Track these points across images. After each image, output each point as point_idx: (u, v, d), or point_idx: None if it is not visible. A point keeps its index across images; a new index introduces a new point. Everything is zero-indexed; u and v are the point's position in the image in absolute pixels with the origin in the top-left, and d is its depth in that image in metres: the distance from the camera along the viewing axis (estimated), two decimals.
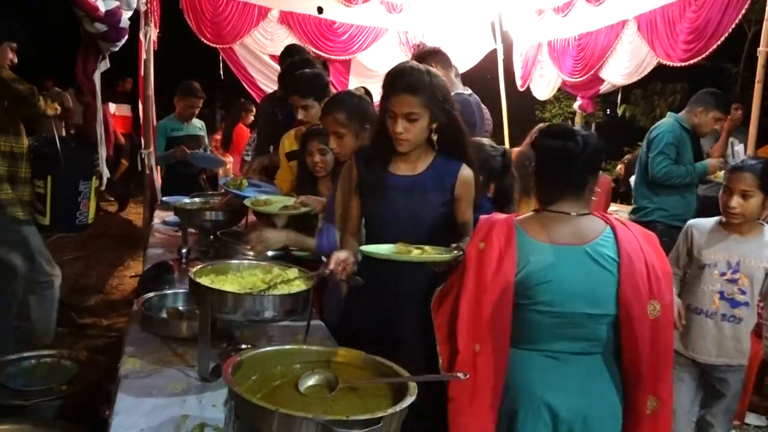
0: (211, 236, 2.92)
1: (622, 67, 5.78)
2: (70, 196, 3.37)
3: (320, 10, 6.32)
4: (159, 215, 3.96)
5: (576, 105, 7.43)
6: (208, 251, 2.88)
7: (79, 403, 2.22)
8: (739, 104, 4.94)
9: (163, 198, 4.45)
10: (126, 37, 3.57)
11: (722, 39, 4.45)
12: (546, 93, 7.21)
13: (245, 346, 1.88)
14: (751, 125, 4.03)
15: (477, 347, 1.62)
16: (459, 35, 6.67)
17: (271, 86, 5.97)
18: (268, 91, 5.85)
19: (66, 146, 3.33)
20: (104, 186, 3.67)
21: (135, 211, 7.70)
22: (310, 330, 1.81)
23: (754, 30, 6.69)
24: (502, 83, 7.12)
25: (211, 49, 6.25)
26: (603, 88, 6.39)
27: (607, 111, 10.59)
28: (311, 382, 1.30)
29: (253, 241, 2.22)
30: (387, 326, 2.03)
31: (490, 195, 2.34)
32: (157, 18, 5.26)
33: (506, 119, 7.07)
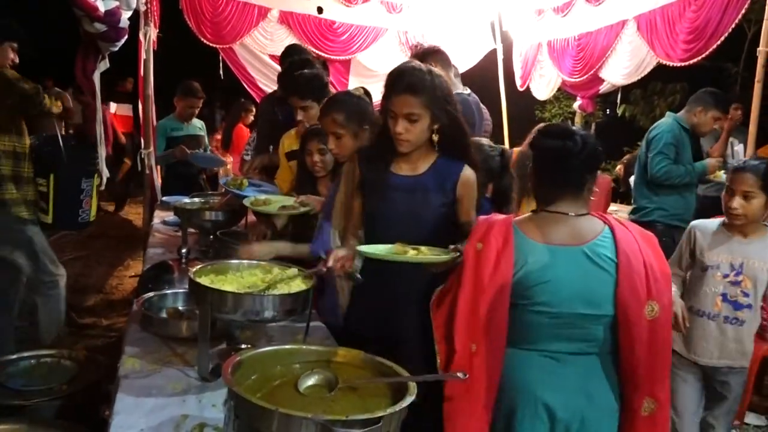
0: (211, 236, 2.92)
1: (622, 67, 5.78)
2: (72, 194, 3.38)
3: (320, 10, 6.32)
4: (159, 215, 3.96)
5: (576, 105, 7.44)
6: (208, 251, 2.88)
7: (79, 403, 2.22)
8: (739, 104, 4.94)
9: (163, 198, 4.45)
10: (125, 37, 3.57)
11: (722, 39, 4.45)
12: (546, 93, 7.21)
13: (245, 345, 1.88)
14: (751, 125, 4.04)
15: (473, 347, 1.62)
16: (459, 35, 6.67)
17: (270, 86, 5.97)
18: (267, 91, 5.85)
19: (68, 144, 3.34)
20: (104, 186, 3.67)
21: (135, 211, 7.70)
22: (309, 330, 1.81)
23: (754, 30, 6.70)
24: (501, 83, 7.12)
25: (211, 49, 6.26)
26: (603, 88, 6.39)
27: (607, 111, 10.58)
28: (311, 381, 1.30)
29: (243, 254, 2.20)
30: (387, 326, 2.03)
31: (489, 195, 2.34)
32: (157, 18, 5.26)
33: (506, 119, 7.08)
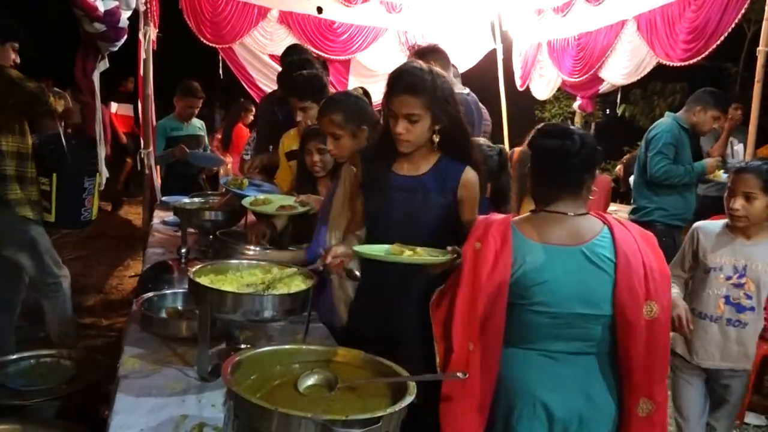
0: (211, 236, 2.91)
1: (622, 66, 5.78)
2: (75, 192, 3.39)
3: (320, 10, 6.32)
4: (158, 215, 3.96)
5: (575, 105, 7.44)
6: (207, 251, 2.88)
7: (79, 403, 2.22)
8: (739, 104, 4.95)
9: (163, 198, 4.45)
10: (125, 37, 3.56)
11: (722, 39, 4.45)
12: (545, 93, 7.21)
13: (244, 345, 1.88)
14: (751, 125, 4.04)
15: (471, 346, 1.62)
16: (458, 35, 6.67)
17: (270, 86, 5.97)
18: (267, 90, 5.85)
19: (70, 143, 3.34)
20: (103, 186, 3.68)
21: (134, 211, 7.70)
22: (309, 329, 1.81)
23: (754, 29, 6.70)
24: (501, 83, 7.12)
25: (211, 48, 6.25)
26: (602, 88, 6.39)
27: (607, 111, 10.58)
28: (310, 381, 1.30)
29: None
30: (387, 326, 2.03)
31: (487, 195, 2.33)
32: (157, 18, 5.26)
33: (506, 119, 7.08)
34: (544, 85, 7.00)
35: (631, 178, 4.49)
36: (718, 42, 4.48)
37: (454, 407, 1.63)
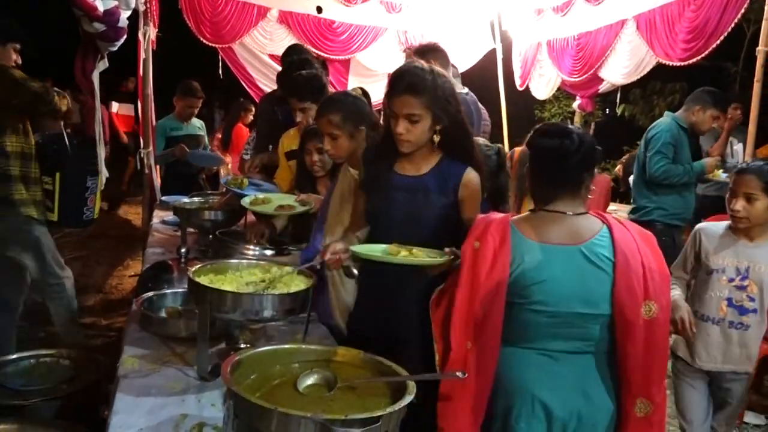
0: (210, 236, 2.92)
1: (622, 66, 5.78)
2: (78, 192, 3.40)
3: (319, 9, 6.32)
4: (158, 215, 3.96)
5: (575, 104, 7.44)
6: (207, 251, 2.88)
7: (78, 403, 2.22)
8: (739, 104, 4.95)
9: (163, 197, 4.45)
10: (125, 36, 3.56)
11: (721, 38, 4.46)
12: (545, 92, 7.21)
13: (244, 345, 1.88)
14: (750, 124, 4.04)
15: (469, 345, 1.62)
16: (458, 35, 6.67)
17: (270, 86, 5.97)
18: (267, 90, 5.85)
19: (73, 143, 3.35)
20: (103, 186, 3.68)
21: (134, 211, 7.70)
22: (309, 329, 1.81)
23: (753, 29, 6.70)
24: (501, 83, 7.13)
25: (210, 48, 6.26)
26: (602, 88, 6.40)
27: (607, 110, 10.59)
28: (310, 381, 1.30)
29: None
30: (387, 326, 2.03)
31: (485, 194, 2.33)
32: (156, 17, 5.26)
33: (505, 119, 7.08)
34: (543, 84, 7.00)
35: (631, 178, 4.50)
36: (718, 42, 4.48)
37: (451, 406, 1.63)
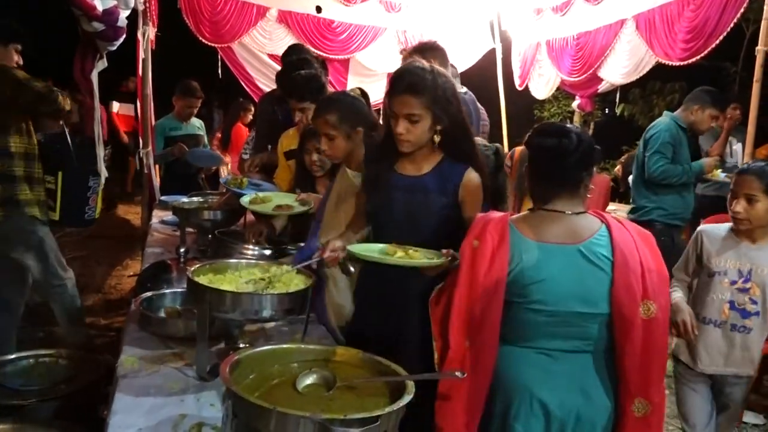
0: (210, 235, 2.91)
1: (621, 66, 5.79)
2: (80, 191, 3.40)
3: (319, 9, 6.33)
4: (157, 215, 3.96)
5: (575, 104, 7.44)
6: (206, 250, 2.88)
7: (77, 403, 2.22)
8: (738, 103, 4.95)
9: (162, 197, 4.44)
10: (124, 36, 3.56)
11: (720, 38, 4.46)
12: (545, 92, 7.22)
13: (243, 345, 1.88)
14: (750, 124, 4.05)
15: (467, 343, 1.63)
16: (457, 34, 6.68)
17: (269, 85, 5.97)
18: (266, 90, 5.85)
19: (75, 142, 3.35)
20: (102, 186, 3.67)
21: (133, 211, 7.70)
22: (308, 329, 1.81)
23: (753, 29, 6.70)
24: (500, 83, 7.13)
25: (210, 48, 6.26)
26: (602, 88, 6.40)
27: (606, 110, 10.60)
28: (309, 380, 1.30)
29: None
30: (387, 326, 2.03)
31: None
32: (156, 17, 5.26)
33: (505, 119, 7.09)
34: (543, 84, 7.01)
35: (630, 178, 4.50)
36: (717, 41, 4.49)
37: (449, 405, 1.63)
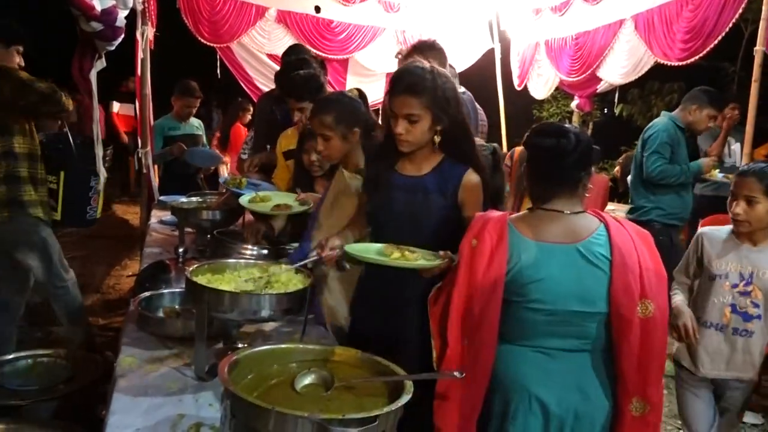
0: (208, 235, 2.91)
1: (620, 66, 5.79)
2: (82, 191, 3.40)
3: (317, 9, 6.32)
4: (156, 214, 3.95)
5: (573, 104, 7.44)
6: (205, 250, 2.88)
7: (76, 403, 2.22)
8: (736, 103, 4.95)
9: (161, 197, 4.44)
10: (122, 36, 3.56)
11: (719, 38, 4.46)
12: (543, 92, 7.22)
13: (242, 345, 1.88)
14: (748, 124, 4.05)
15: (465, 342, 1.63)
16: (456, 34, 6.67)
17: (268, 85, 5.97)
18: (265, 90, 5.84)
19: (77, 142, 3.35)
20: (102, 186, 3.67)
21: (132, 211, 7.69)
22: (306, 329, 1.81)
23: (751, 29, 6.70)
24: (499, 82, 7.14)
25: (209, 48, 6.25)
26: (600, 88, 6.40)
27: (605, 110, 10.61)
28: (307, 380, 1.30)
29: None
30: (387, 326, 2.02)
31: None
32: (154, 17, 5.26)
33: (504, 119, 7.09)
34: (542, 84, 7.01)
35: (629, 178, 4.50)
36: (716, 41, 4.49)
37: (448, 404, 1.63)
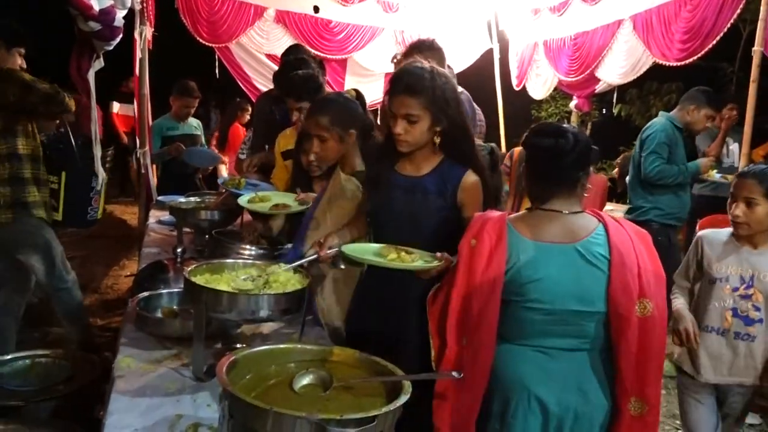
0: (207, 235, 2.91)
1: (618, 66, 5.79)
2: (83, 191, 3.41)
3: (316, 9, 6.32)
4: (154, 215, 3.95)
5: (572, 104, 7.45)
6: (203, 250, 2.88)
7: (74, 403, 2.22)
8: (735, 104, 4.96)
9: (159, 197, 4.43)
10: (120, 36, 3.55)
11: (717, 39, 4.47)
12: (542, 92, 7.22)
13: (240, 345, 1.88)
14: (746, 125, 4.05)
15: (464, 341, 1.63)
16: (455, 34, 6.67)
17: (267, 85, 5.95)
18: (264, 90, 5.83)
19: (78, 143, 3.35)
20: (103, 186, 3.67)
21: (130, 211, 7.68)
22: (304, 329, 1.81)
23: (749, 30, 6.71)
24: (498, 83, 7.14)
25: (207, 48, 6.25)
26: (599, 88, 6.41)
27: (603, 110, 10.63)
28: (306, 381, 1.30)
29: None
30: (387, 326, 2.02)
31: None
32: (153, 17, 5.25)
33: (502, 119, 7.09)
34: (540, 84, 7.01)
35: (627, 178, 4.50)
36: (714, 42, 4.50)
37: (447, 404, 1.64)
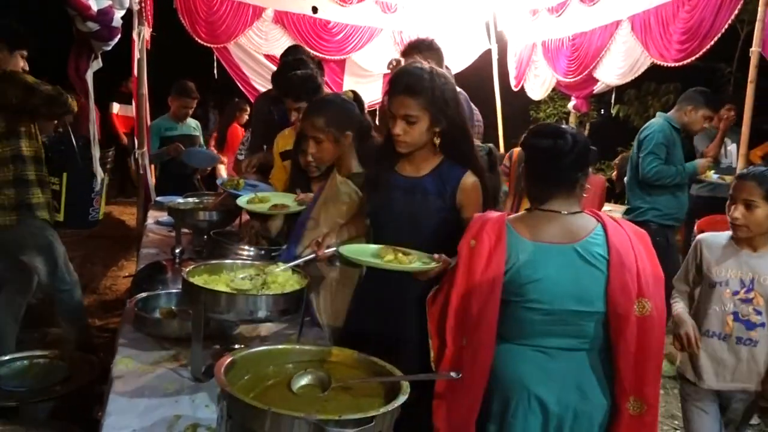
0: (205, 236, 2.91)
1: (616, 67, 5.80)
2: (84, 192, 3.42)
3: (315, 9, 6.32)
4: (153, 215, 3.95)
5: (570, 105, 7.45)
6: (201, 251, 2.87)
7: (72, 404, 2.22)
8: (732, 104, 4.97)
9: (157, 198, 4.43)
10: (119, 36, 3.55)
11: (715, 39, 4.48)
12: (540, 93, 7.23)
13: (238, 345, 1.88)
14: (744, 125, 4.06)
15: (464, 341, 1.64)
16: (453, 35, 6.67)
17: (265, 85, 5.95)
18: (262, 90, 5.83)
19: (80, 144, 3.35)
20: (103, 186, 3.67)
21: (129, 212, 7.67)
22: (303, 330, 1.81)
23: (747, 30, 6.73)
24: (496, 83, 7.15)
25: (206, 48, 6.24)
26: (597, 88, 6.41)
27: (602, 111, 10.63)
28: (304, 381, 1.30)
29: None
30: (387, 326, 2.02)
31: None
32: (151, 17, 5.25)
33: (500, 119, 7.10)
34: (538, 85, 7.02)
35: (625, 179, 4.51)
36: (712, 42, 4.51)
37: (446, 404, 1.64)
